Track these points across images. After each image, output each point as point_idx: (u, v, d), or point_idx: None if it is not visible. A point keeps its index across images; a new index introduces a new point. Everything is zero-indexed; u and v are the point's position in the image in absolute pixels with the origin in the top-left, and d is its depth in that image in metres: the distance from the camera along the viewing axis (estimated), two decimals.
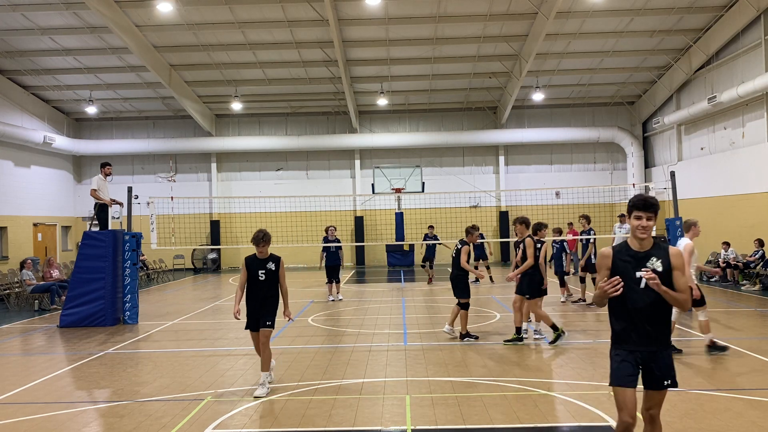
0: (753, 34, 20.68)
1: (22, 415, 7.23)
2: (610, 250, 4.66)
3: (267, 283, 7.95)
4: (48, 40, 22.27)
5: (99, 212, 14.37)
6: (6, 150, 24.41)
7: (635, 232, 4.59)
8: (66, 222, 29.02)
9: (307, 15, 21.04)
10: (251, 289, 8.01)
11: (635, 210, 4.58)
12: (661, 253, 4.58)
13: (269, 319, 7.97)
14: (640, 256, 4.57)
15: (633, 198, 4.64)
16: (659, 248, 4.61)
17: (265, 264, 7.96)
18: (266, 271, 7.92)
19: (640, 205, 4.56)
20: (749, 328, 11.84)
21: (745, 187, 21.16)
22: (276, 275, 7.96)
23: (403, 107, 29.92)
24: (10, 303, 17.53)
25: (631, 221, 4.60)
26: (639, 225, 4.56)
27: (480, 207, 29.45)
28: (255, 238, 7.93)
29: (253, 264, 8.00)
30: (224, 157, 30.45)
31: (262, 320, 7.94)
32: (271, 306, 8.01)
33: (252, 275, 7.95)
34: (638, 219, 4.56)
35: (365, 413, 7.00)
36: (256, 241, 7.91)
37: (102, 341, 11.87)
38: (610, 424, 6.41)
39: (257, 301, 7.97)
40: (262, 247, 7.91)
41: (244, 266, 8.04)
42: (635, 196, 4.67)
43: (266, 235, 7.98)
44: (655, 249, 4.59)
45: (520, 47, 23.79)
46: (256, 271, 7.93)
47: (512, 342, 10.65)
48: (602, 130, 29.09)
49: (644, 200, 4.57)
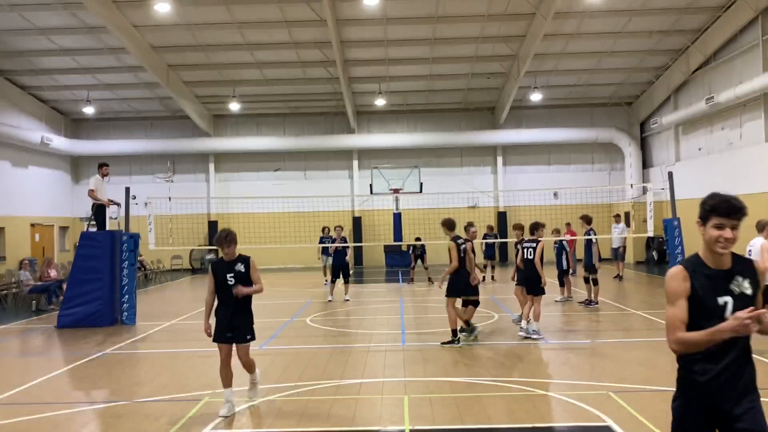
0: (751, 34, 20.71)
1: (20, 416, 7.21)
2: (684, 272, 3.38)
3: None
4: (46, 40, 22.23)
5: (97, 213, 14.35)
6: (3, 150, 24.37)
7: (714, 245, 3.34)
8: (63, 222, 28.98)
9: (305, 15, 21.03)
10: (221, 297, 7.10)
11: (715, 216, 3.34)
12: (747, 270, 3.40)
13: (249, 332, 7.13)
14: (721, 275, 3.36)
15: (712, 199, 3.38)
16: (741, 263, 3.43)
17: (233, 266, 7.03)
18: (235, 275, 6.99)
19: (723, 210, 3.33)
20: None
21: (743, 187, 21.10)
22: (247, 278, 7.05)
23: (401, 108, 29.92)
24: (8, 303, 17.50)
25: (708, 231, 3.37)
26: (720, 237, 3.32)
27: (478, 207, 29.43)
28: (218, 238, 7.06)
29: (220, 268, 7.10)
30: (222, 157, 30.43)
31: (238, 333, 7.06)
32: (247, 315, 7.18)
33: (220, 281, 7.04)
34: (719, 228, 3.33)
35: (364, 413, 7.00)
36: (219, 242, 7.03)
37: (100, 342, 11.84)
38: (609, 424, 6.42)
39: (229, 309, 7.02)
40: (228, 248, 7.02)
41: (210, 272, 7.15)
42: (714, 195, 3.39)
43: (230, 234, 7.06)
44: (738, 264, 3.41)
45: (518, 48, 23.80)
46: (224, 276, 7.01)
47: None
48: (600, 131, 29.12)
49: (728, 203, 3.35)
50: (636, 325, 12.37)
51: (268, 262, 29.94)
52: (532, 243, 11.25)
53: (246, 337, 7.14)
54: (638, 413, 6.69)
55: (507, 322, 12.71)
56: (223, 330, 7.09)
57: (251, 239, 26.02)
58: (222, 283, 7.04)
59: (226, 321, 7.06)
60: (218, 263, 7.16)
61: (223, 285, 7.03)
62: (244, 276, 7.03)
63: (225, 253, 7.10)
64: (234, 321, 7.05)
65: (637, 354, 9.62)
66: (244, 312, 7.16)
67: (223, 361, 7.08)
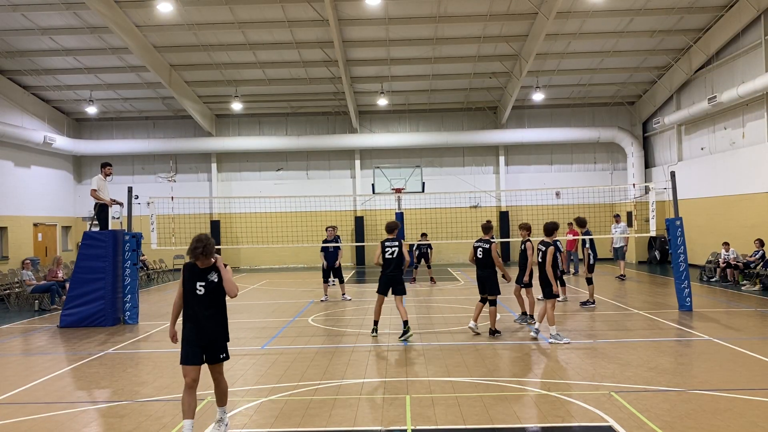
0: (753, 34, 20.68)
1: (22, 415, 7.23)
2: None
3: (208, 298, 6.16)
4: (48, 40, 22.28)
5: (99, 212, 14.37)
6: (6, 150, 24.42)
7: None
8: (66, 222, 29.03)
9: (307, 15, 21.05)
10: (189, 308, 6.17)
11: None
12: None
13: (223, 351, 6.31)
14: None
15: None
16: None
17: (206, 275, 6.17)
18: (207, 284, 6.15)
19: None
20: (749, 328, 11.83)
21: (746, 187, 21.16)
22: (220, 288, 6.20)
23: (403, 107, 29.92)
24: (11, 303, 17.53)
25: None
26: None
27: (480, 207, 29.44)
28: (192, 249, 6.07)
29: (191, 274, 6.18)
30: (224, 157, 30.46)
31: (211, 352, 6.24)
32: (222, 329, 6.28)
33: (188, 289, 6.16)
34: None
35: (365, 413, 7.00)
36: (194, 254, 6.07)
37: (102, 341, 11.87)
38: (611, 424, 6.42)
39: (198, 323, 6.14)
40: (203, 261, 6.13)
41: (181, 277, 6.29)
42: None
43: (207, 246, 6.09)
44: None
45: (520, 47, 23.79)
46: (194, 284, 6.14)
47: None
48: (602, 130, 29.09)
49: None
50: (638, 325, 12.36)
51: (270, 262, 30.00)
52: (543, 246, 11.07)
53: (220, 356, 6.28)
54: (640, 413, 6.69)
55: (509, 323, 12.71)
56: (191, 349, 6.14)
57: (253, 239, 26.09)
58: (190, 292, 6.15)
59: (195, 337, 6.14)
60: (190, 269, 6.22)
61: (192, 294, 6.15)
62: (217, 287, 6.20)
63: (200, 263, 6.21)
64: (205, 337, 6.17)
65: (638, 354, 9.62)
66: (218, 325, 6.25)
67: (188, 387, 6.13)
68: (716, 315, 13.29)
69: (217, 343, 6.27)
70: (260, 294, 19.44)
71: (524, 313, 12.77)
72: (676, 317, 13.09)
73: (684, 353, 9.97)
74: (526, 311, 12.79)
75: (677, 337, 11.13)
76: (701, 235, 23.49)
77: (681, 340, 10.87)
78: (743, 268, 18.65)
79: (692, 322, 12.51)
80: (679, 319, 12.92)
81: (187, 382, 6.15)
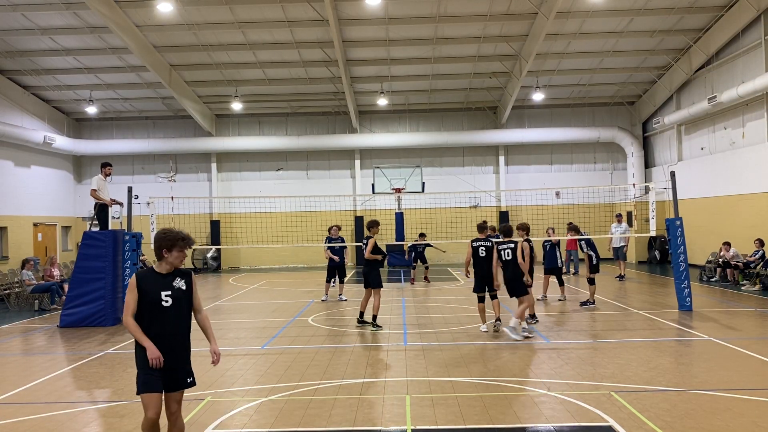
0: (753, 34, 20.68)
1: (22, 415, 7.23)
2: None
3: (175, 311, 5.16)
4: (48, 40, 22.28)
5: (99, 212, 14.38)
6: (6, 150, 24.42)
7: None
8: (66, 222, 29.02)
9: (307, 15, 21.05)
10: (152, 325, 5.10)
11: None
12: None
13: (190, 374, 5.33)
14: None
15: None
16: None
17: (171, 281, 5.21)
18: (173, 292, 5.18)
19: None
20: (749, 328, 11.84)
21: (746, 187, 21.16)
22: (189, 298, 5.30)
23: (403, 107, 29.92)
24: (10, 303, 17.53)
25: None
26: None
27: (480, 207, 29.44)
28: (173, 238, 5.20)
29: (150, 282, 5.16)
30: (224, 157, 30.45)
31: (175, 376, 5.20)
32: (186, 350, 5.33)
33: (150, 300, 5.11)
34: None
35: (365, 413, 7.00)
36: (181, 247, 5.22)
37: (102, 341, 11.87)
38: (611, 424, 6.42)
39: (164, 343, 5.09)
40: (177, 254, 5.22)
41: (133, 287, 5.13)
42: None
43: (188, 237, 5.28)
44: None
45: (520, 47, 23.79)
46: (158, 294, 5.12)
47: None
48: (602, 130, 29.09)
49: None
50: (638, 325, 12.36)
51: (270, 262, 30.00)
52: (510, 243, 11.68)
53: (187, 379, 5.28)
54: (640, 413, 6.69)
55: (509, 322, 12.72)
56: (153, 373, 5.08)
57: (253, 239, 26.09)
58: (154, 304, 5.09)
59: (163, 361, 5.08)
60: (147, 276, 5.20)
61: (156, 306, 5.10)
62: (186, 295, 5.25)
63: (167, 261, 5.19)
64: (172, 359, 5.13)
65: (638, 354, 9.62)
66: (184, 346, 5.28)
67: (152, 423, 5.19)
68: (716, 315, 13.30)
69: (183, 366, 5.23)
70: (260, 294, 19.44)
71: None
72: (676, 317, 13.09)
73: (684, 353, 9.97)
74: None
75: (677, 337, 11.14)
76: (701, 235, 23.48)
77: (681, 340, 10.87)
78: (743, 268, 18.65)
79: (692, 322, 12.51)
80: (679, 319, 12.93)
81: (150, 416, 5.12)
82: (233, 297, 18.80)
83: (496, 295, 11.83)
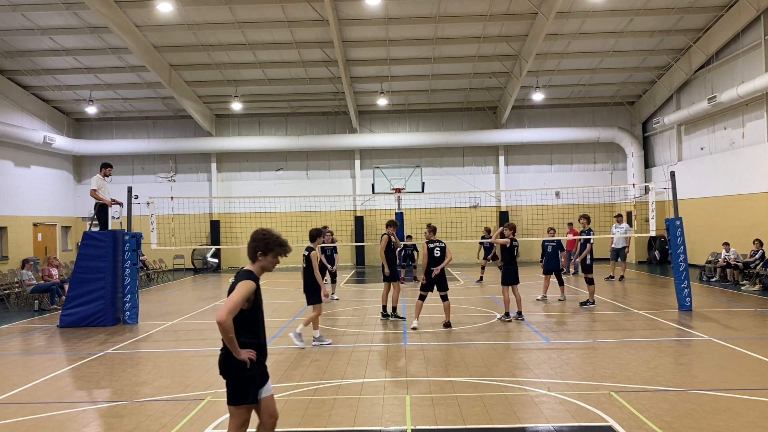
0: (753, 34, 20.68)
1: (22, 415, 7.23)
2: None
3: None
4: (48, 40, 22.28)
5: (99, 212, 14.37)
6: (6, 150, 24.41)
7: None
8: (66, 222, 29.02)
9: (307, 15, 21.05)
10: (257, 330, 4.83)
11: None
12: None
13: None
14: None
15: None
16: None
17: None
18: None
19: None
20: (749, 328, 11.83)
21: (745, 187, 21.16)
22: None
23: (403, 107, 29.92)
24: (10, 303, 17.52)
25: None
26: None
27: (480, 207, 29.45)
28: (283, 245, 4.94)
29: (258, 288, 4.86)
30: (224, 157, 30.45)
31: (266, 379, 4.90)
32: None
33: (258, 307, 4.90)
34: None
35: (365, 413, 7.00)
36: (285, 251, 4.99)
37: (102, 341, 11.87)
38: (611, 424, 6.42)
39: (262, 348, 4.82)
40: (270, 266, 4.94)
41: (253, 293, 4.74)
42: None
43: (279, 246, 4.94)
44: None
45: (520, 47, 23.79)
46: (261, 300, 4.99)
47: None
48: (602, 130, 29.09)
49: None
50: (638, 325, 12.36)
51: None
52: (307, 251, 11.16)
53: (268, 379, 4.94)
54: (640, 413, 6.69)
55: (509, 322, 12.72)
56: (259, 380, 4.72)
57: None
58: (260, 311, 4.83)
59: (259, 365, 4.72)
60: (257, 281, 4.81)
61: (260, 312, 4.84)
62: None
63: (260, 264, 4.91)
64: (264, 361, 4.84)
65: (638, 354, 9.62)
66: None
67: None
68: (716, 315, 13.30)
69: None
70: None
71: (507, 313, 13.06)
72: (676, 317, 13.09)
73: (684, 353, 9.97)
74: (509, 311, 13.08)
75: (677, 337, 11.14)
76: (701, 235, 23.49)
77: (681, 340, 10.87)
78: (743, 268, 18.66)
79: (692, 322, 12.51)
80: (679, 319, 12.93)
81: (240, 425, 4.72)
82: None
83: (446, 297, 12.32)
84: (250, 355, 4.59)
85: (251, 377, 4.64)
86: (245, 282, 4.66)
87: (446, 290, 12.31)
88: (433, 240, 12.35)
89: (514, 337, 11.27)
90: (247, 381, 4.63)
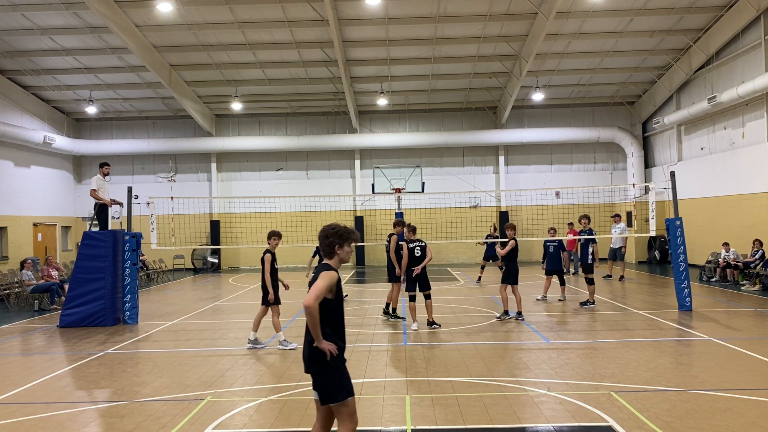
0: (753, 34, 20.68)
1: (22, 415, 7.22)
2: None
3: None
4: (48, 40, 22.28)
5: (99, 212, 14.37)
6: (6, 150, 24.41)
7: None
8: (66, 222, 29.02)
9: (307, 15, 21.05)
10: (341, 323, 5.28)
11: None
12: None
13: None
14: None
15: None
16: None
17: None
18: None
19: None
20: (749, 328, 11.83)
21: (745, 187, 21.16)
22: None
23: (403, 107, 29.92)
24: (10, 303, 17.52)
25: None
26: None
27: (480, 207, 29.44)
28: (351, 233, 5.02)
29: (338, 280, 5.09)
30: (224, 157, 30.45)
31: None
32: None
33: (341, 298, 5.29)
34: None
35: (365, 413, 6.99)
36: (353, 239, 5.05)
37: (102, 341, 11.87)
38: (611, 424, 6.42)
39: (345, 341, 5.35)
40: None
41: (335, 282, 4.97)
42: None
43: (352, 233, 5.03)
44: None
45: (520, 47, 23.79)
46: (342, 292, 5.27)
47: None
48: (602, 130, 29.09)
49: None
50: (638, 325, 12.36)
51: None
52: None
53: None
54: (640, 413, 6.69)
55: (508, 322, 12.72)
56: (347, 373, 5.05)
57: (253, 239, 26.06)
58: (341, 302, 5.07)
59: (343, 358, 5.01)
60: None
61: (342, 303, 5.10)
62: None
63: (339, 257, 5.03)
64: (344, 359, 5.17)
65: (638, 354, 9.62)
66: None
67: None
68: (716, 315, 13.30)
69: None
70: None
71: (506, 311, 13.12)
72: (676, 317, 13.09)
73: (684, 353, 9.97)
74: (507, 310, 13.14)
75: (677, 337, 11.14)
76: (701, 235, 23.48)
77: (681, 340, 10.87)
78: (743, 268, 18.65)
79: (692, 322, 12.51)
80: (679, 319, 12.93)
81: (356, 420, 4.90)
82: (233, 297, 18.79)
83: (429, 296, 12.47)
84: (332, 348, 4.72)
85: (342, 372, 4.87)
86: (328, 272, 4.75)
87: (429, 289, 12.45)
88: (413, 239, 12.51)
89: (514, 337, 11.27)
90: (340, 375, 4.87)
